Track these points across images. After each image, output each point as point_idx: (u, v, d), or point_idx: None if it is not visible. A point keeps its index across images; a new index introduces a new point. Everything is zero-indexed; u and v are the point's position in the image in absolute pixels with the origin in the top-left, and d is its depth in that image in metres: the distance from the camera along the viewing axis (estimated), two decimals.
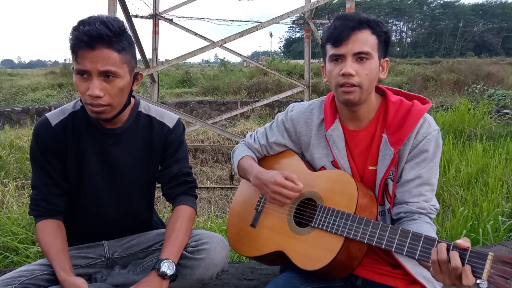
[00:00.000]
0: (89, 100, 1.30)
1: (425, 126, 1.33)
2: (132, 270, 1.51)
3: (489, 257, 0.99)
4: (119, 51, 1.29)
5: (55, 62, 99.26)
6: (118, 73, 1.30)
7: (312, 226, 1.35)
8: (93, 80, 1.27)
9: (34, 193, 1.47)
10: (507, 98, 11.70)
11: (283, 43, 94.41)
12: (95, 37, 1.23)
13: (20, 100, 17.32)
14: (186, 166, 1.58)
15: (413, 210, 1.31)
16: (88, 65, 1.26)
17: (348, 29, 1.28)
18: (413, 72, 24.06)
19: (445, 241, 1.07)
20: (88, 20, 1.26)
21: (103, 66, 1.26)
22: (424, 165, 1.33)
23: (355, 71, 1.28)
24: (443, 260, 1.04)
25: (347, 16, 1.33)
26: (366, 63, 1.30)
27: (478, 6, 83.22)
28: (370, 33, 1.30)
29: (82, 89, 1.30)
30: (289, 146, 1.60)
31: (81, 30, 1.23)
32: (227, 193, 6.96)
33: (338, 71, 1.31)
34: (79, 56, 1.25)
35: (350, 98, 1.32)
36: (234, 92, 19.94)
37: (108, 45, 1.26)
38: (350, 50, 1.29)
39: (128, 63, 1.34)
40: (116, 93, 1.32)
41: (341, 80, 1.30)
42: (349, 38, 1.28)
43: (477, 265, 1.00)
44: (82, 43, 1.23)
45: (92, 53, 1.25)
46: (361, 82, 1.30)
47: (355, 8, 7.37)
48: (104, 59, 1.26)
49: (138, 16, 9.61)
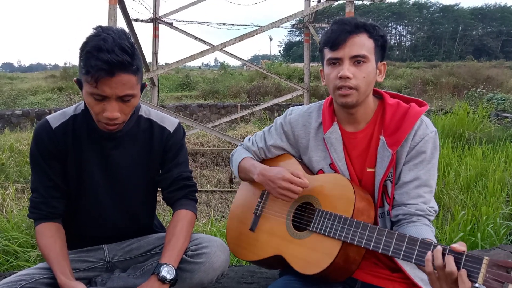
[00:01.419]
0: (104, 120, 1.31)
1: (422, 128, 1.35)
2: (132, 273, 1.51)
3: (484, 261, 0.99)
4: (135, 72, 1.30)
5: (55, 66, 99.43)
6: (134, 94, 1.32)
7: (310, 230, 1.36)
8: (111, 103, 1.29)
9: (34, 196, 1.47)
10: (506, 102, 11.72)
11: (283, 46, 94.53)
12: (116, 65, 1.22)
13: (20, 104, 17.31)
14: (186, 170, 1.59)
15: (412, 212, 1.31)
16: (107, 91, 1.26)
17: (345, 33, 1.31)
18: (412, 75, 24.07)
19: (441, 245, 1.08)
20: (104, 44, 1.22)
21: (123, 92, 1.28)
22: (422, 166, 1.34)
23: (352, 74, 1.31)
24: (439, 265, 1.04)
25: (344, 20, 1.35)
26: (363, 66, 1.32)
27: (477, 10, 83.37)
28: (367, 37, 1.33)
29: (97, 110, 1.30)
30: (287, 150, 1.61)
31: (101, 58, 1.21)
32: (227, 196, 6.97)
33: (335, 74, 1.33)
34: (99, 83, 1.24)
35: (348, 101, 1.34)
36: (234, 96, 19.96)
37: (126, 70, 1.26)
38: (347, 54, 1.31)
39: (141, 80, 1.36)
40: (130, 111, 1.36)
41: (338, 83, 1.33)
42: (346, 41, 1.31)
43: (472, 269, 1.00)
44: (102, 72, 1.22)
45: (112, 80, 1.24)
46: (358, 84, 1.32)
47: (354, 12, 7.40)
48: (124, 84, 1.27)
49: (138, 20, 9.63)
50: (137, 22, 9.59)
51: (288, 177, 1.39)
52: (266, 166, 1.53)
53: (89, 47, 1.24)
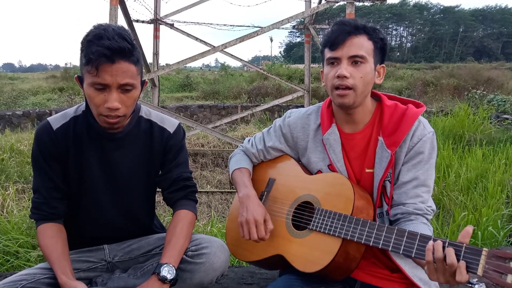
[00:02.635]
0: (105, 112, 1.32)
1: (420, 128, 1.36)
2: (132, 274, 1.52)
3: (483, 252, 1.00)
4: (135, 63, 1.31)
5: (56, 66, 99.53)
6: (134, 84, 1.33)
7: (310, 229, 1.37)
8: (112, 93, 1.29)
9: (35, 197, 1.48)
10: (507, 103, 11.71)
11: (283, 47, 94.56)
12: (117, 51, 1.24)
13: (21, 104, 17.33)
14: (186, 171, 1.59)
15: (410, 211, 1.33)
16: (108, 78, 1.27)
17: (344, 33, 1.33)
18: (413, 77, 24.07)
19: (440, 238, 1.09)
20: (104, 33, 1.25)
21: (123, 80, 1.28)
22: (420, 166, 1.35)
23: (350, 73, 1.32)
24: (439, 258, 1.05)
25: (344, 21, 1.38)
26: (361, 66, 1.34)
27: (478, 11, 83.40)
28: (366, 39, 1.34)
29: (98, 101, 1.31)
30: (286, 151, 1.62)
31: (102, 44, 1.23)
32: (227, 197, 6.97)
33: (333, 73, 1.35)
34: (100, 70, 1.25)
35: (345, 101, 1.35)
36: (234, 97, 19.97)
37: (127, 59, 1.28)
38: (345, 53, 1.33)
39: (141, 73, 1.37)
40: (131, 104, 1.36)
41: (336, 82, 1.34)
42: (345, 42, 1.33)
43: (472, 261, 1.01)
44: (103, 58, 1.23)
45: (113, 67, 1.26)
46: (355, 84, 1.33)
47: (355, 13, 7.41)
48: (124, 72, 1.28)
49: (139, 21, 9.66)
50: (138, 23, 9.62)
51: (258, 220, 1.41)
52: (253, 194, 1.51)
53: (90, 37, 1.27)
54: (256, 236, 1.41)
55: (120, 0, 6.81)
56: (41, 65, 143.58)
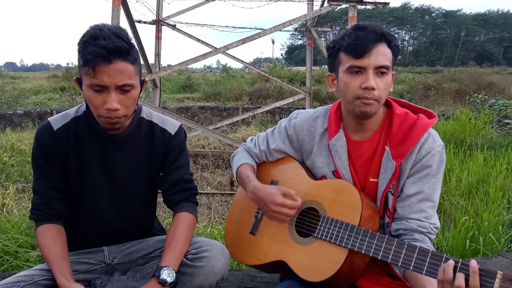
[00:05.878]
0: (105, 114, 1.31)
1: (429, 141, 1.31)
2: (131, 276, 1.51)
3: (498, 275, 0.98)
4: (133, 62, 1.30)
5: (58, 66, 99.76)
6: (133, 85, 1.32)
7: (315, 237, 1.34)
8: (111, 94, 1.28)
9: (35, 197, 1.47)
10: (508, 108, 11.68)
11: (285, 50, 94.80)
12: (113, 50, 1.23)
13: (22, 103, 17.35)
14: (187, 173, 1.58)
15: (413, 228, 1.29)
16: (106, 79, 1.26)
17: (371, 41, 1.26)
18: (414, 80, 24.08)
19: (452, 257, 1.06)
20: (100, 33, 1.24)
21: (121, 80, 1.27)
22: (427, 180, 1.31)
23: (376, 84, 1.27)
24: (448, 280, 1.02)
25: (369, 27, 1.29)
26: (385, 77, 1.29)
27: (479, 16, 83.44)
28: (386, 47, 1.29)
29: (97, 103, 1.30)
30: (290, 153, 1.59)
31: (98, 44, 1.22)
32: (228, 199, 6.96)
33: (358, 84, 1.28)
34: (97, 71, 1.24)
35: (368, 110, 1.30)
36: (235, 98, 19.98)
37: (124, 58, 1.26)
38: (372, 64, 1.26)
39: (139, 73, 1.36)
40: (131, 104, 1.35)
41: (361, 94, 1.28)
42: (371, 51, 1.26)
43: (486, 284, 0.99)
44: (99, 58, 1.22)
45: (110, 67, 1.24)
46: (381, 96, 1.29)
47: (357, 17, 7.41)
48: (122, 72, 1.27)
49: (141, 22, 9.67)
50: (140, 24, 9.63)
51: (280, 202, 1.36)
52: (258, 184, 1.48)
53: (86, 37, 1.26)
54: (293, 212, 1.37)
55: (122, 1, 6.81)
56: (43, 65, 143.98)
